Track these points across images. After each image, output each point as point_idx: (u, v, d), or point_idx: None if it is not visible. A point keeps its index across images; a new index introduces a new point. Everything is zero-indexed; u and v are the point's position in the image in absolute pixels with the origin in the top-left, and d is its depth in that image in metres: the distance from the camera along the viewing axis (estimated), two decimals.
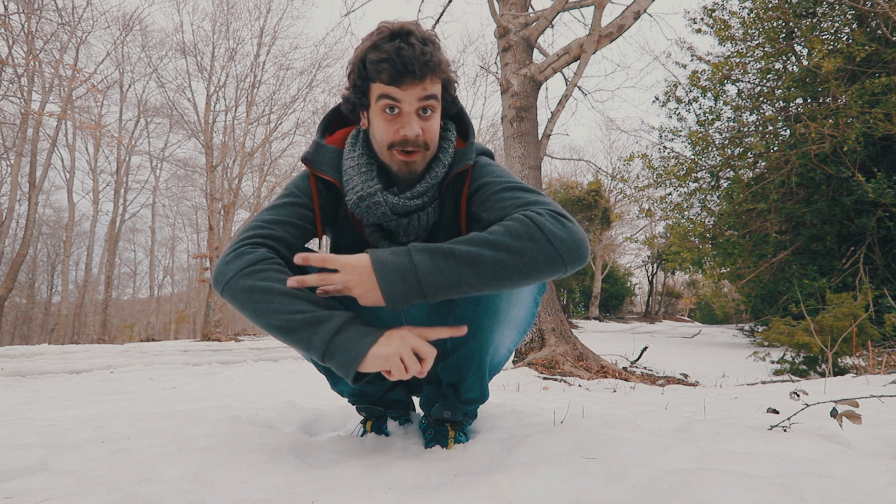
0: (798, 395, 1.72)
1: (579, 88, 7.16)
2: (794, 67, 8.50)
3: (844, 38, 7.78)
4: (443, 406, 1.18)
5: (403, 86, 0.96)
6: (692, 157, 9.56)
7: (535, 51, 5.44)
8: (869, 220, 7.17)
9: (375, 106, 1.00)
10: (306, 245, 1.14)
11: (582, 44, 4.96)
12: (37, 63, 12.68)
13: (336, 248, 1.22)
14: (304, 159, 1.11)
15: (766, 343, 5.66)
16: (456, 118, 1.17)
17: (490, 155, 1.16)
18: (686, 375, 4.76)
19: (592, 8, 4.99)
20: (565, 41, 20.51)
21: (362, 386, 1.24)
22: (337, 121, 1.19)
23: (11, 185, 13.60)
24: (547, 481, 0.82)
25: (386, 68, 0.94)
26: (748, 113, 9.13)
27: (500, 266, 0.84)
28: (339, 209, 1.15)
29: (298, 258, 0.89)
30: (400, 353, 0.85)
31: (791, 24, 8.11)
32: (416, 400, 1.48)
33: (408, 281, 0.83)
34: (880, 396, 1.57)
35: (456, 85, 1.09)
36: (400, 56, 0.94)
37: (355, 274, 0.86)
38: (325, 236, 1.20)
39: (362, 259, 0.86)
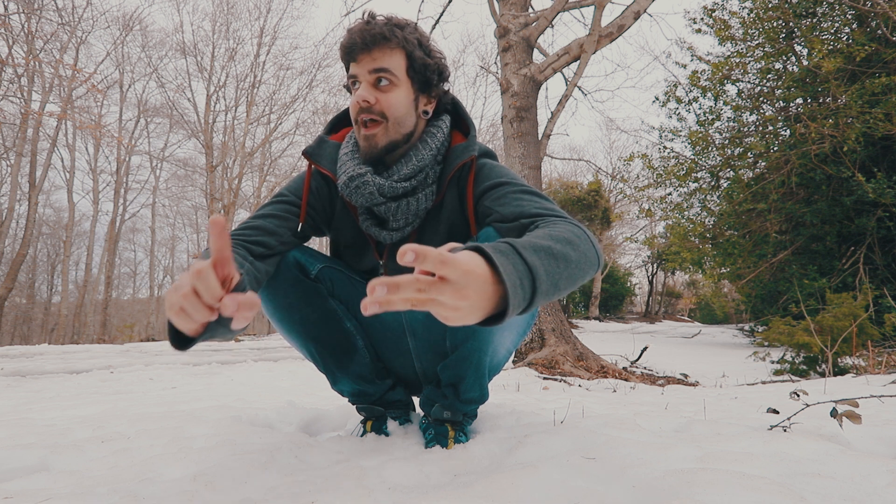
0: (798, 395, 1.72)
1: (579, 88, 7.16)
2: (794, 67, 8.50)
3: (844, 38, 7.78)
4: (442, 406, 1.18)
5: (357, 57, 1.03)
6: (692, 157, 9.57)
7: (535, 51, 5.44)
8: (869, 220, 7.18)
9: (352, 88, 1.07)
10: (303, 242, 1.17)
11: (582, 44, 4.96)
12: (37, 63, 12.68)
13: (336, 245, 1.23)
14: (305, 152, 1.15)
15: (766, 343, 5.66)
16: (453, 113, 1.18)
17: (493, 156, 1.17)
18: (686, 375, 4.76)
19: (592, 8, 4.99)
20: (565, 41, 20.52)
21: (361, 385, 1.24)
22: (345, 121, 1.24)
23: (11, 185, 13.61)
24: (547, 481, 0.82)
25: (342, 45, 1.04)
26: (748, 113, 9.13)
27: (578, 266, 0.76)
28: (337, 204, 1.17)
29: (406, 252, 0.50)
30: (175, 291, 0.61)
31: (791, 24, 8.11)
32: (416, 400, 1.48)
33: (525, 288, 0.62)
34: (880, 396, 1.57)
35: (429, 62, 1.06)
36: (350, 32, 1.02)
37: (472, 280, 0.56)
38: (321, 236, 1.22)
39: (475, 261, 0.58)
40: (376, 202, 1.07)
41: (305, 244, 1.18)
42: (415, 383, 1.33)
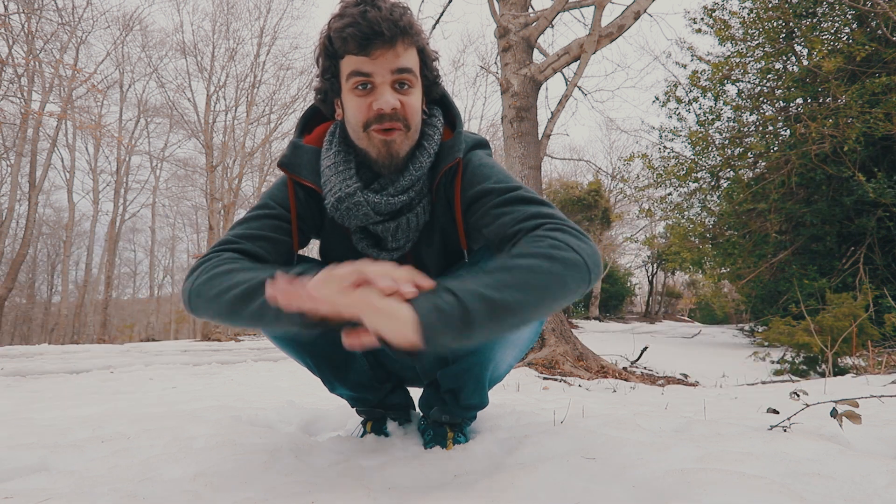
0: (798, 395, 1.72)
1: (579, 88, 7.16)
2: (794, 67, 8.50)
3: (844, 38, 7.77)
4: (441, 410, 1.17)
5: (373, 53, 0.85)
6: (692, 157, 9.56)
7: (535, 51, 5.44)
8: (869, 220, 7.17)
9: (346, 86, 0.90)
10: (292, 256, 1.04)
11: (582, 44, 4.96)
12: (37, 63, 12.68)
13: (325, 256, 1.12)
14: (281, 164, 1.00)
15: (766, 343, 5.66)
16: (440, 103, 1.05)
17: (485, 145, 1.06)
18: (686, 375, 4.76)
19: (592, 8, 4.99)
20: (565, 41, 20.50)
21: (360, 393, 1.22)
22: (316, 118, 1.09)
23: (11, 185, 13.61)
24: (547, 481, 0.82)
25: (351, 33, 0.84)
26: (748, 113, 9.13)
27: (554, 281, 0.72)
28: (326, 216, 1.05)
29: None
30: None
31: (791, 24, 8.11)
32: (416, 399, 1.48)
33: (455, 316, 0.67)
34: (880, 396, 1.57)
35: (436, 61, 0.97)
36: (365, 18, 0.83)
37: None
38: (311, 242, 1.12)
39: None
40: (373, 221, 0.96)
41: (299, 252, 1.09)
42: (416, 380, 1.32)
